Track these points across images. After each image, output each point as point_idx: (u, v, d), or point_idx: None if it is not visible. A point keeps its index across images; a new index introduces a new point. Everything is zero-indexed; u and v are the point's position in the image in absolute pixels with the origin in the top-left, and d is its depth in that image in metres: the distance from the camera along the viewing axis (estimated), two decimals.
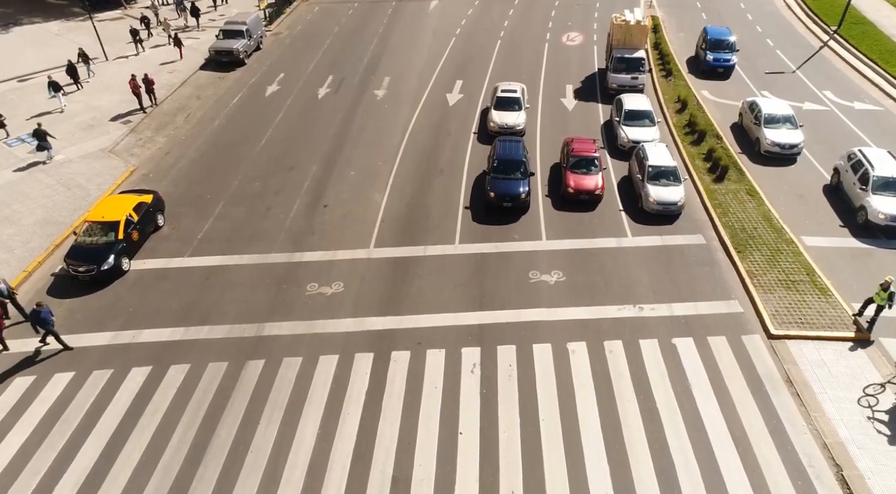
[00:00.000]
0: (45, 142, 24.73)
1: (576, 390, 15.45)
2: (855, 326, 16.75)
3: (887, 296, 15.99)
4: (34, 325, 16.13)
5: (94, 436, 14.49)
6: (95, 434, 14.54)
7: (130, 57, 33.67)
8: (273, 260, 20.12)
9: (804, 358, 16.04)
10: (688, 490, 13.12)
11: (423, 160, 25.41)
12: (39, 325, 16.08)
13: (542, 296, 18.45)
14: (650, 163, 22.21)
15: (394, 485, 13.38)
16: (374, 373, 16.05)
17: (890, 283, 16.00)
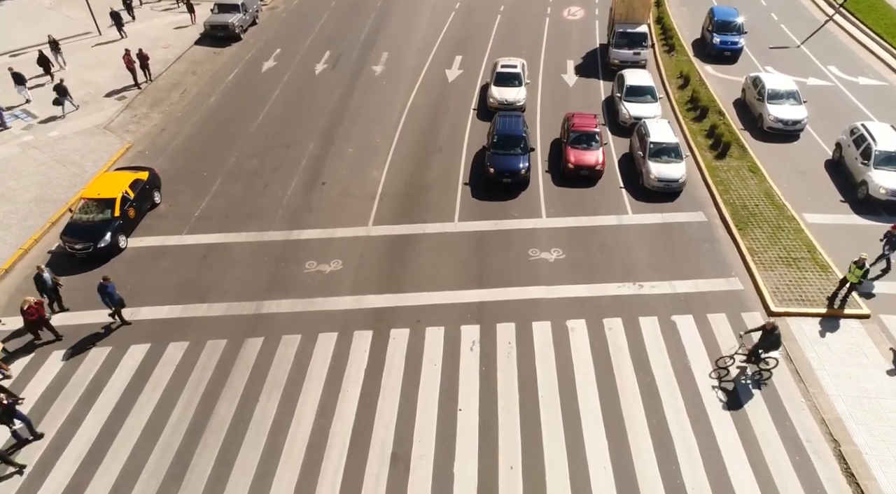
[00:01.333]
0: (63, 97, 25.63)
1: (575, 367, 15.46)
2: (827, 303, 16.72)
3: (862, 274, 15.96)
4: (102, 300, 16.06)
5: (94, 413, 14.52)
6: (95, 410, 14.57)
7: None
8: (271, 237, 19.98)
9: (804, 335, 16.04)
10: (685, 465, 13.20)
11: (422, 137, 25.11)
12: (107, 299, 16.01)
13: (542, 274, 18.36)
14: (652, 139, 21.95)
15: (393, 461, 13.45)
16: (374, 351, 16.04)
17: (865, 260, 15.98)
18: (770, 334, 14.29)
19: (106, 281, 15.97)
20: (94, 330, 16.62)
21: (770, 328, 14.30)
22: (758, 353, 14.61)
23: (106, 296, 15.99)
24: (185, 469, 13.37)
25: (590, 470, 13.15)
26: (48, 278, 16.54)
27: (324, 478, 13.17)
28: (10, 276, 18.48)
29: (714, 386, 14.77)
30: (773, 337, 14.30)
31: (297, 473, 13.26)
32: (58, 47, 29.22)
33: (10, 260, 18.74)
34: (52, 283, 16.68)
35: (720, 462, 13.23)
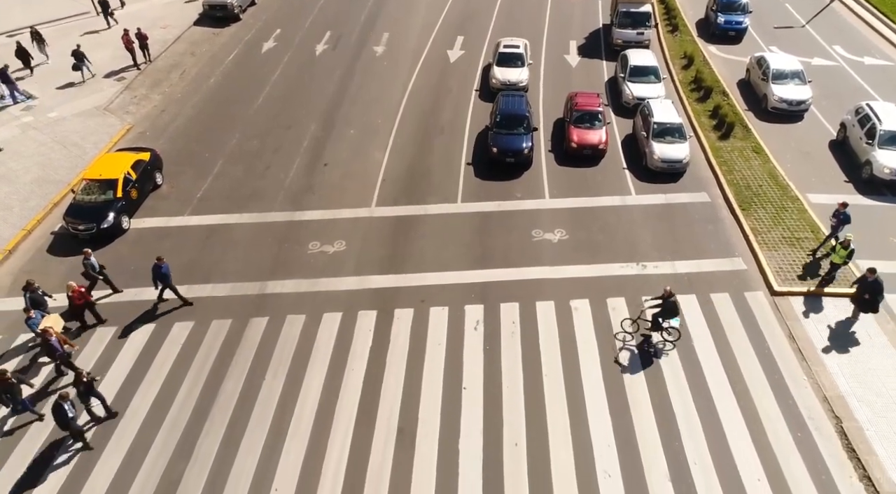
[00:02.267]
0: (82, 62, 26.45)
1: (578, 346, 15.54)
2: (817, 283, 16.79)
3: (847, 254, 15.99)
4: (154, 280, 16.11)
5: (101, 391, 14.59)
6: (101, 389, 14.64)
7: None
8: (274, 218, 19.96)
9: (807, 315, 16.09)
10: (688, 441, 13.34)
11: (424, 118, 24.96)
12: (160, 280, 16.07)
13: (545, 255, 18.38)
14: (655, 119, 21.83)
15: (399, 437, 13.58)
16: (378, 330, 16.11)
17: (850, 241, 16.05)
18: (666, 302, 14.73)
19: (160, 262, 15.96)
20: (101, 310, 16.58)
21: (667, 295, 14.76)
22: (658, 322, 15.04)
23: (160, 276, 16.00)
24: (192, 447, 13.49)
25: (594, 447, 13.29)
26: (94, 263, 16.48)
27: (330, 453, 13.31)
28: (14, 257, 18.49)
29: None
30: (668, 304, 14.72)
31: (303, 448, 13.40)
32: (41, 39, 27.67)
33: (13, 240, 18.73)
34: (98, 267, 16.62)
35: (722, 438, 13.36)
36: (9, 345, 15.80)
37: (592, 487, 12.57)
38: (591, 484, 12.61)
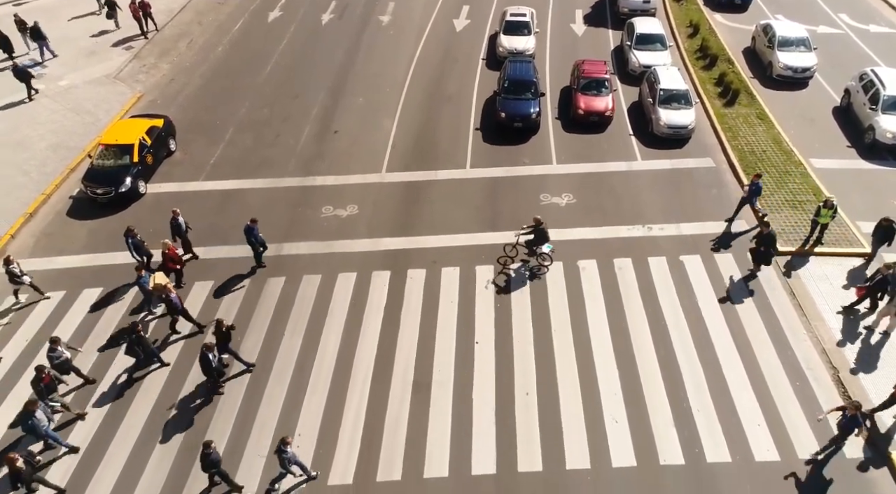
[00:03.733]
0: (113, 10, 27.62)
1: (586, 303, 16.08)
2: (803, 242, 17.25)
3: (831, 213, 16.46)
4: (248, 241, 16.54)
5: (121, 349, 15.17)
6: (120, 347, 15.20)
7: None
8: (286, 184, 20.35)
9: (807, 272, 16.61)
10: (692, 390, 13.95)
11: (432, 86, 25.17)
12: (253, 240, 16.46)
13: (554, 218, 18.76)
14: (662, 86, 22.07)
15: (415, 388, 14.18)
16: (392, 289, 16.63)
17: (832, 200, 16.56)
18: (537, 229, 16.23)
19: (253, 223, 16.33)
20: (124, 269, 17.08)
21: (537, 223, 16.27)
22: (533, 248, 16.47)
23: (252, 237, 16.39)
24: (216, 401, 14.08)
25: (601, 395, 13.90)
26: (182, 222, 16.89)
27: (349, 404, 13.92)
28: (35, 220, 18.95)
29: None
30: (539, 231, 16.23)
31: (323, 400, 14.00)
32: (25, 28, 26.04)
33: (34, 204, 19.16)
34: (185, 227, 17.00)
35: (725, 388, 13.96)
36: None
37: (600, 432, 13.21)
38: (598, 429, 13.25)
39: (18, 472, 11.33)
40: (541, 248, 16.43)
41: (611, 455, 12.79)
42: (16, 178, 20.25)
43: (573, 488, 12.30)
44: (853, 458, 12.66)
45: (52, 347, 13.53)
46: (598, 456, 12.78)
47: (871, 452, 12.72)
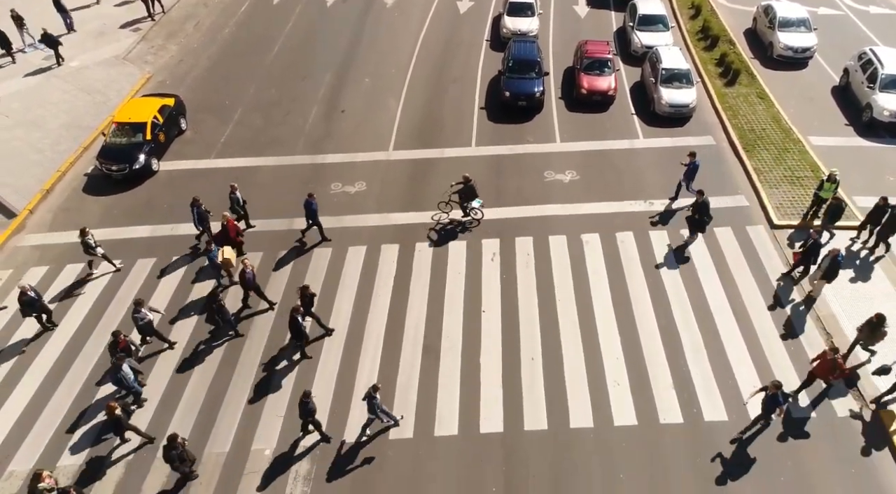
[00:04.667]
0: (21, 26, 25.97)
1: (589, 274, 16.60)
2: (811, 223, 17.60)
3: (834, 188, 16.89)
4: (307, 215, 16.96)
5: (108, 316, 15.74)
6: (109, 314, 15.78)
7: None
8: (296, 161, 20.81)
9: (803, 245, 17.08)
10: (690, 355, 14.50)
11: (437, 67, 25.53)
12: (310, 217, 16.88)
13: (557, 194, 19.29)
14: (664, 65, 22.44)
15: (425, 353, 14.74)
16: (401, 261, 17.14)
17: (835, 174, 16.93)
18: (466, 185, 17.36)
19: (311, 197, 16.76)
20: (141, 243, 17.62)
21: (465, 180, 17.37)
22: (464, 204, 17.60)
23: (310, 212, 16.84)
24: (235, 361, 14.66)
25: (603, 360, 14.47)
26: (239, 197, 17.32)
27: (362, 368, 14.49)
28: (52, 196, 19.46)
29: None
30: (468, 188, 17.37)
31: (336, 365, 14.57)
32: (22, 23, 25.45)
33: (50, 181, 19.63)
34: (242, 201, 17.43)
35: (722, 352, 14.52)
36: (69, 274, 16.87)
37: (602, 394, 13.79)
38: (601, 392, 13.83)
39: (118, 419, 12.09)
40: (471, 204, 17.64)
41: (613, 415, 13.38)
42: (30, 156, 20.69)
43: (577, 445, 12.90)
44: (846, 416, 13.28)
45: (136, 308, 14.02)
46: (601, 416, 13.37)
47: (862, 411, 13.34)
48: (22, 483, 12.41)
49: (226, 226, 16.31)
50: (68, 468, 12.72)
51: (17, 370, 14.56)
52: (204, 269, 16.77)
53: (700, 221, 16.75)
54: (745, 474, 12.38)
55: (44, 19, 26.13)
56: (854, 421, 13.21)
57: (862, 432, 13.02)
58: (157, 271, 16.89)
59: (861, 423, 13.17)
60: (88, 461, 12.87)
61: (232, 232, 16.43)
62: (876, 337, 13.50)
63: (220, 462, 12.80)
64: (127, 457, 12.91)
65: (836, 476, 12.32)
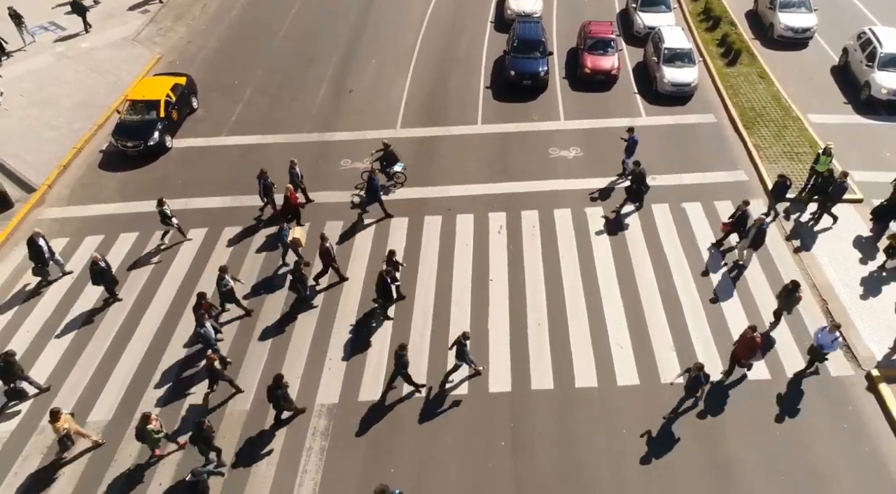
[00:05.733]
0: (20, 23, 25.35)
1: (593, 244, 17.13)
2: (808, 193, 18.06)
3: (829, 161, 17.36)
4: (367, 192, 17.49)
5: (166, 284, 16.28)
6: (167, 282, 16.31)
7: None
8: (305, 139, 21.26)
9: (802, 216, 17.60)
10: (691, 320, 15.05)
11: (442, 48, 25.91)
12: (370, 193, 17.37)
13: (562, 169, 19.76)
14: (666, 45, 22.83)
15: (435, 320, 15.28)
16: (410, 233, 17.65)
17: (830, 147, 17.39)
18: (386, 151, 18.37)
19: (373, 174, 17.24)
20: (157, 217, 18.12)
21: (385, 146, 18.40)
22: (387, 171, 18.63)
23: (374, 188, 17.30)
24: (252, 328, 15.21)
25: (607, 324, 15.02)
26: (298, 172, 17.77)
27: (375, 334, 15.04)
28: (69, 172, 19.96)
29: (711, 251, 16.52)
30: (388, 153, 18.39)
31: (349, 330, 15.12)
32: (20, 21, 24.84)
33: (67, 157, 20.11)
34: (301, 175, 17.88)
35: (721, 316, 15.07)
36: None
37: (606, 356, 14.35)
38: (605, 354, 14.39)
39: (216, 370, 12.94)
40: (393, 168, 18.64)
41: (616, 375, 13.96)
42: (45, 134, 21.14)
43: (582, 403, 13.48)
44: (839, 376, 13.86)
45: (220, 276, 14.61)
46: (605, 376, 13.95)
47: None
48: (103, 430, 13.14)
49: (288, 199, 16.90)
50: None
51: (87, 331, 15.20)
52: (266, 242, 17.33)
53: (638, 191, 17.40)
54: (741, 428, 12.97)
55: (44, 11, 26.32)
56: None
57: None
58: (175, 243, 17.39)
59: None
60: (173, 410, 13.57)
61: (293, 203, 17.01)
62: (791, 302, 14.07)
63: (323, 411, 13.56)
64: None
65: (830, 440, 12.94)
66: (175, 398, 13.85)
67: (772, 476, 12.23)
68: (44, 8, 26.31)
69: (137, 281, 16.36)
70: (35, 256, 15.50)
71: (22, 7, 25.31)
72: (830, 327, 13.04)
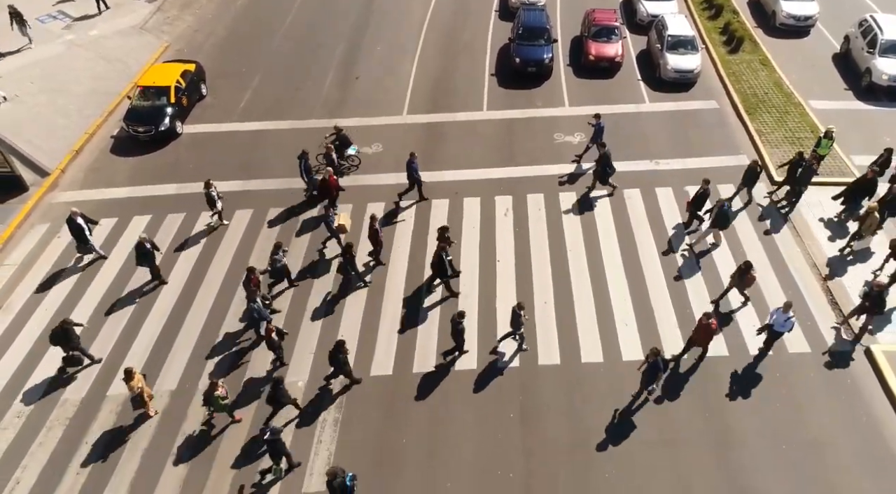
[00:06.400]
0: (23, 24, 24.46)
1: (598, 226, 17.46)
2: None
3: (830, 144, 17.69)
4: (409, 174, 17.63)
5: (182, 261, 16.66)
6: (183, 259, 16.71)
7: None
8: (313, 125, 21.55)
9: (803, 199, 17.87)
10: (693, 297, 15.41)
11: (447, 36, 26.17)
12: (414, 174, 17.62)
13: (567, 154, 20.06)
14: (669, 32, 23.09)
15: (445, 297, 15.63)
16: (419, 216, 17.98)
17: (832, 131, 17.74)
18: (339, 135, 18.76)
19: (413, 157, 17.52)
20: (170, 200, 18.46)
21: (337, 130, 18.84)
22: (340, 152, 18.94)
23: (413, 171, 17.57)
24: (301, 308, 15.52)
25: (612, 304, 15.36)
26: (335, 157, 18.22)
27: (385, 311, 15.39)
28: (82, 156, 20.29)
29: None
30: (341, 136, 18.80)
31: (361, 307, 15.47)
32: (22, 20, 23.88)
33: (79, 142, 20.42)
34: (338, 162, 18.32)
35: (725, 299, 15.36)
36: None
37: (612, 333, 14.71)
38: (610, 330, 14.75)
39: (273, 340, 13.46)
40: (347, 151, 18.89)
41: (621, 351, 14.32)
42: (57, 120, 21.42)
43: (588, 377, 13.85)
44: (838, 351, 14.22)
45: (275, 251, 15.11)
46: (610, 352, 14.31)
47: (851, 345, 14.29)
48: (168, 399, 13.65)
49: (327, 181, 17.27)
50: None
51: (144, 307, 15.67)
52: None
53: (603, 172, 17.74)
54: (744, 400, 13.35)
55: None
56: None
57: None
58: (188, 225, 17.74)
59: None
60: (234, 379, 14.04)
61: (333, 185, 17.36)
62: (745, 282, 14.44)
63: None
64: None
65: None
66: (232, 369, 14.27)
67: (773, 443, 12.62)
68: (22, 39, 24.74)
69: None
70: (76, 234, 15.88)
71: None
72: (784, 307, 13.17)
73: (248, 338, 14.89)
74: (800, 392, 13.55)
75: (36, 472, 12.38)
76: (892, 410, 13.21)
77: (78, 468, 12.44)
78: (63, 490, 12.15)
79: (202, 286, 16.12)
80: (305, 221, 17.89)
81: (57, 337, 13.41)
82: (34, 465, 12.49)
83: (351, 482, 11.04)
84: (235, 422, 13.19)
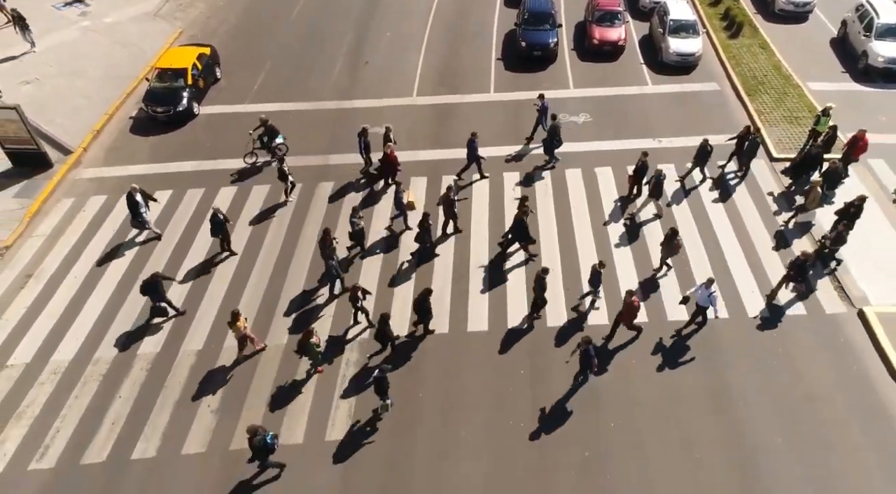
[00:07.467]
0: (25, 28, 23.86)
1: (602, 200, 18.13)
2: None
3: (828, 120, 18.24)
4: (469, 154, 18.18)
5: (200, 238, 17.28)
6: (201, 236, 17.33)
7: None
8: (325, 106, 22.21)
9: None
10: (696, 269, 16.04)
11: (454, 22, 26.80)
12: (474, 153, 18.13)
13: (572, 134, 20.67)
14: (671, 16, 23.72)
15: (454, 275, 16.23)
16: (430, 192, 18.62)
17: (830, 109, 18.33)
18: (265, 126, 18.94)
19: (474, 136, 18.07)
20: (188, 177, 19.11)
21: (263, 122, 18.94)
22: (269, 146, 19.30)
23: (473, 150, 18.14)
24: (284, 271, 16.21)
25: (617, 272, 16.05)
26: (392, 136, 18.62)
27: (398, 288, 16.02)
28: (102, 136, 20.93)
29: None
30: (268, 127, 18.98)
31: (375, 281, 16.10)
32: (24, 23, 23.46)
33: (100, 123, 21.06)
34: (394, 140, 18.70)
35: (730, 280, 15.83)
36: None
37: (616, 299, 15.36)
38: (615, 297, 15.41)
39: (357, 297, 14.26)
40: (275, 141, 19.20)
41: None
42: (77, 102, 22.06)
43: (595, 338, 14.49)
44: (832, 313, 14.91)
45: (353, 214, 15.99)
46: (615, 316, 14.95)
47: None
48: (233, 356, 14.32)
49: (387, 155, 17.89)
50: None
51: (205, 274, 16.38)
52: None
53: (550, 144, 18.60)
54: (743, 364, 14.04)
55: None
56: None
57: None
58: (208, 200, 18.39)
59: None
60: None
61: (392, 160, 17.97)
62: (671, 249, 15.19)
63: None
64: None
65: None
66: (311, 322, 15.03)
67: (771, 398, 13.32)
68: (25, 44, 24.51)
69: (174, 233, 17.41)
70: (132, 209, 16.54)
71: None
72: (707, 282, 13.68)
73: (320, 296, 15.65)
74: (795, 351, 14.25)
75: (74, 422, 13.08)
76: (884, 369, 13.91)
77: (113, 418, 13.14)
78: (99, 439, 12.85)
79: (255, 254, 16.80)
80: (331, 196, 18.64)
81: (147, 288, 14.27)
82: (72, 415, 13.19)
83: (272, 440, 11.31)
84: (317, 373, 13.77)
